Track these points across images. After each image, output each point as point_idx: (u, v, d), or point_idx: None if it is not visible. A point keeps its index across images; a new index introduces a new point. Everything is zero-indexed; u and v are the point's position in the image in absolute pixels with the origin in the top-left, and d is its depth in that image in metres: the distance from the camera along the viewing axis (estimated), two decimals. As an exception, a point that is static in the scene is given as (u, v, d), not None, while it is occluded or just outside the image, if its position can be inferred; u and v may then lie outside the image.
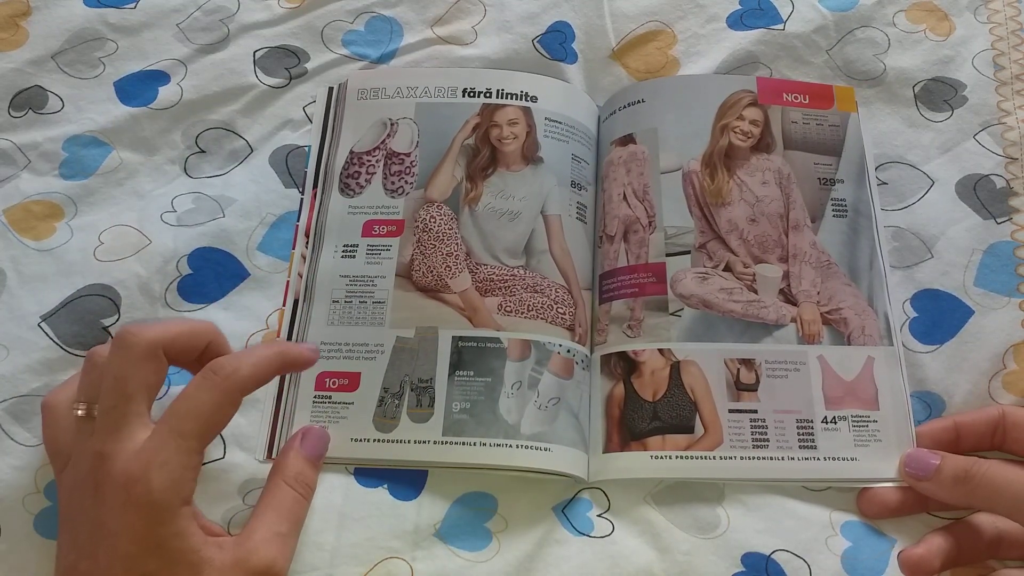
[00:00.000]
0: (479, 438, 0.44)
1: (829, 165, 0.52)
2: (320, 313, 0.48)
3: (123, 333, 0.36)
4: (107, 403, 0.36)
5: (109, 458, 0.35)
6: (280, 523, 0.38)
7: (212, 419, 0.36)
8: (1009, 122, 0.54)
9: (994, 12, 0.58)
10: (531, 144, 0.52)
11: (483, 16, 0.58)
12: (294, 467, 0.41)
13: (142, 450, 0.35)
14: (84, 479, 0.36)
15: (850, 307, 0.48)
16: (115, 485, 0.34)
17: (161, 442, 0.35)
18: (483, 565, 0.42)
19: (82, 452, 0.36)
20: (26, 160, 0.52)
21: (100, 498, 0.35)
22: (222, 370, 0.37)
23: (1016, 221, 0.51)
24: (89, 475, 0.35)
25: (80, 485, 0.36)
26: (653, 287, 0.48)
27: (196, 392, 0.36)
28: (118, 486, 0.34)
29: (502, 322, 0.47)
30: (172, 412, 0.36)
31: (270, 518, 0.38)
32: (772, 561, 0.42)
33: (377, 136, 0.53)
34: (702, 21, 0.58)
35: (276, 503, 0.39)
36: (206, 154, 0.53)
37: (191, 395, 0.36)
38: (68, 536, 0.37)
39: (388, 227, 0.50)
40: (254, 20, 0.57)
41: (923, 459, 0.43)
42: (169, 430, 0.35)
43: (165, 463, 0.34)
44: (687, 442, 0.44)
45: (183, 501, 0.35)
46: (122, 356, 0.36)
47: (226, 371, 0.37)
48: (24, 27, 0.56)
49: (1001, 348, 0.47)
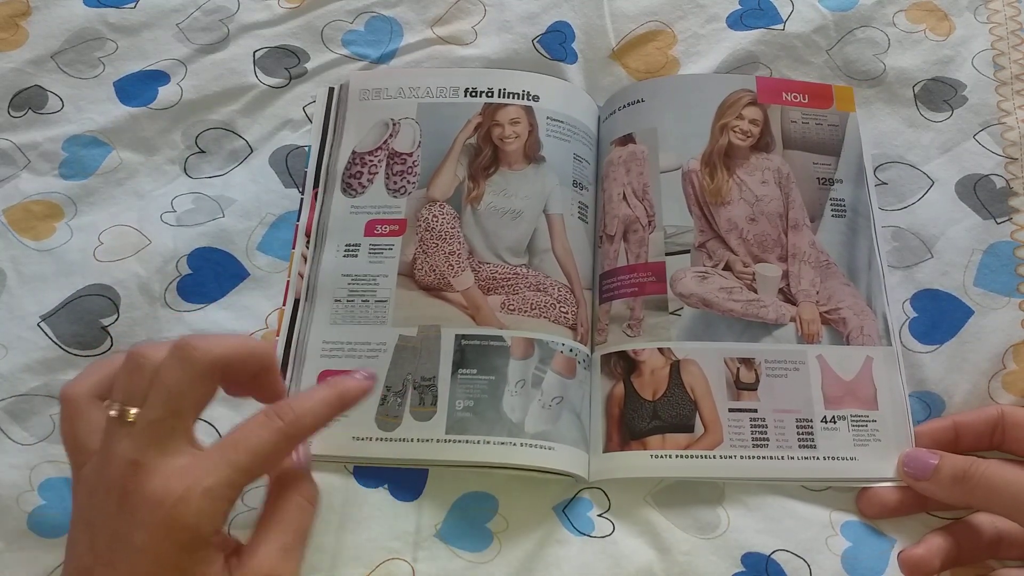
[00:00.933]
0: (482, 436, 0.44)
1: (828, 165, 0.52)
2: (322, 313, 0.48)
3: (187, 346, 0.35)
4: (154, 414, 0.34)
5: (146, 470, 0.34)
6: (285, 536, 0.37)
7: (267, 458, 0.36)
8: (1009, 122, 0.54)
9: (994, 12, 0.58)
10: (533, 143, 0.52)
11: (483, 16, 0.58)
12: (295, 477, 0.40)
13: (186, 471, 0.34)
14: (111, 484, 0.34)
15: (849, 307, 0.48)
16: (149, 500, 0.33)
17: (211, 467, 0.34)
18: (484, 565, 0.42)
19: (112, 455, 0.35)
20: (26, 160, 0.52)
21: (128, 509, 0.34)
22: (286, 415, 0.36)
23: (1016, 221, 0.51)
24: (117, 481, 0.34)
25: (104, 489, 0.35)
26: (653, 286, 0.48)
27: (257, 429, 0.36)
28: (153, 502, 0.33)
29: (505, 321, 0.47)
30: (229, 442, 0.35)
31: (274, 532, 0.37)
32: (772, 561, 0.42)
33: (379, 136, 0.53)
34: (702, 21, 0.58)
35: (279, 516, 0.38)
36: (206, 154, 0.53)
37: (251, 430, 0.36)
38: (85, 537, 0.36)
39: (390, 226, 0.50)
40: (254, 20, 0.57)
41: (922, 459, 0.43)
42: (222, 458, 0.34)
43: (210, 490, 0.33)
44: (687, 441, 0.44)
45: (215, 531, 0.34)
46: (182, 369, 0.35)
47: (289, 418, 0.36)
48: (24, 27, 0.56)
49: (1001, 348, 0.47)
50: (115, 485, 0.34)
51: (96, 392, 0.37)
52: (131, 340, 0.47)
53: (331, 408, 0.38)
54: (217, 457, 0.34)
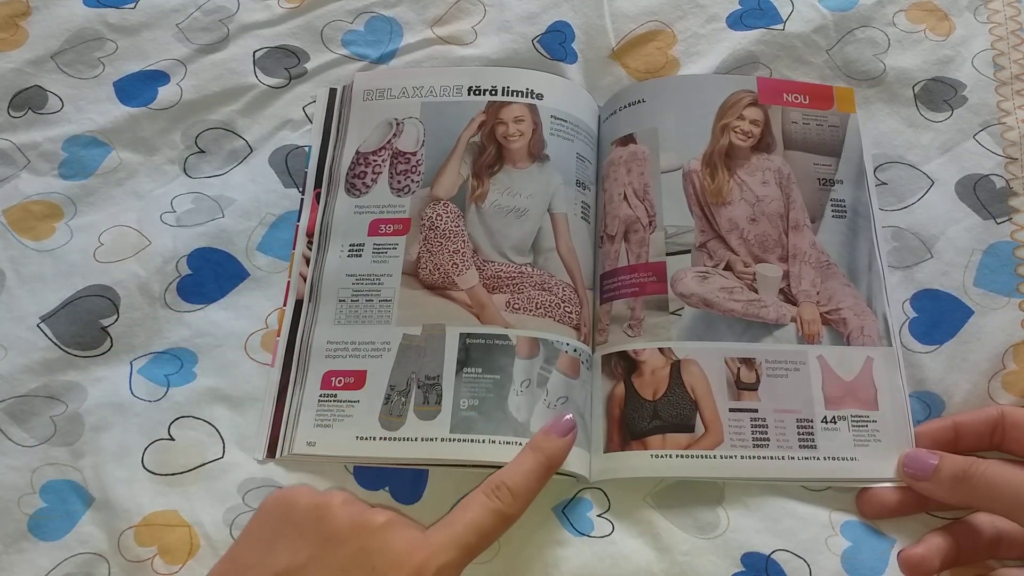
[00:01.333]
0: (487, 435, 0.44)
1: (828, 166, 0.52)
2: (327, 313, 0.48)
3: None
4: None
5: (388, 527, 0.37)
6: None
7: (488, 538, 0.38)
8: (1009, 122, 0.54)
9: (994, 12, 0.58)
10: (537, 142, 0.52)
11: (483, 16, 0.58)
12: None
13: (422, 543, 0.36)
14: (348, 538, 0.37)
15: (849, 307, 0.48)
16: (391, 558, 0.35)
17: (445, 545, 0.36)
18: (484, 565, 0.42)
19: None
20: (25, 160, 0.52)
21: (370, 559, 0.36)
22: (504, 497, 0.38)
23: (1016, 221, 0.51)
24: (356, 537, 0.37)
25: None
26: (653, 286, 0.48)
27: (480, 509, 0.38)
28: (393, 561, 0.35)
29: (510, 319, 0.47)
30: (458, 521, 0.37)
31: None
32: (772, 561, 0.42)
33: (383, 136, 0.53)
34: (702, 21, 0.58)
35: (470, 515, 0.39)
36: (206, 154, 0.53)
37: (475, 511, 0.38)
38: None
39: (394, 226, 0.50)
40: (254, 20, 0.57)
41: (922, 459, 0.43)
42: (452, 538, 0.37)
43: (443, 568, 0.35)
44: (687, 441, 0.44)
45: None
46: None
47: (507, 500, 0.38)
48: (24, 27, 0.56)
49: (1001, 348, 0.47)
50: (359, 525, 0.37)
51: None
52: (131, 341, 0.48)
53: (542, 480, 0.40)
54: (448, 536, 0.37)
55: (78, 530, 0.43)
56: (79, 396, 0.46)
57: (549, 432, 0.42)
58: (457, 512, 0.38)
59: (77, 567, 0.42)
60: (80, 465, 0.44)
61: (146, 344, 0.48)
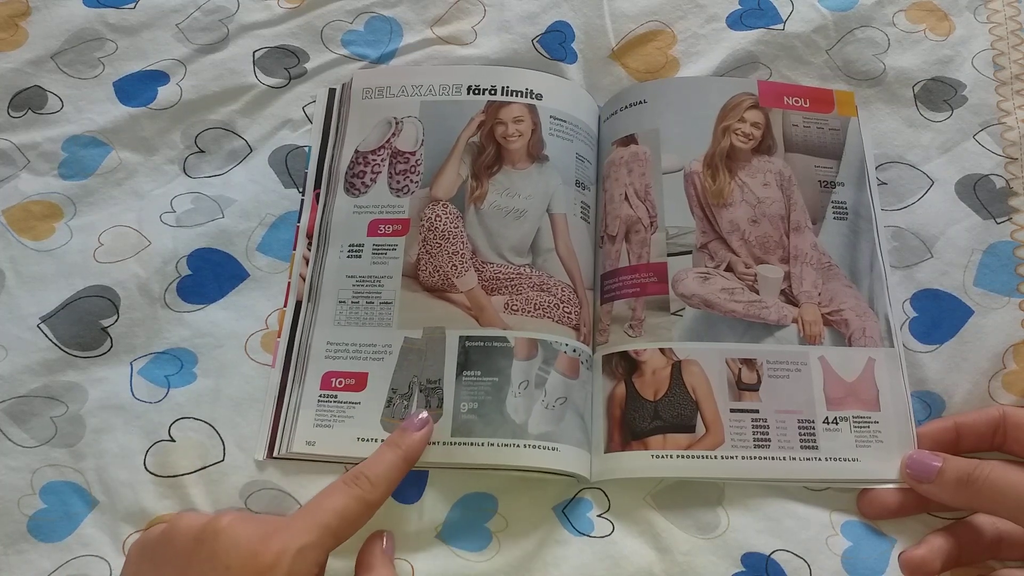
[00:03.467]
0: (487, 438, 0.44)
1: (829, 168, 0.52)
2: (326, 314, 0.48)
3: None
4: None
5: (237, 521, 0.37)
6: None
7: (351, 523, 0.39)
8: (1009, 122, 0.54)
9: (994, 12, 0.58)
10: (536, 142, 0.52)
11: (483, 16, 0.58)
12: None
13: (277, 532, 0.37)
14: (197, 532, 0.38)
15: (851, 308, 0.48)
16: (240, 551, 0.36)
17: (303, 529, 0.37)
18: (483, 565, 0.42)
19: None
20: (25, 160, 0.52)
21: (216, 553, 0.36)
22: (363, 484, 0.39)
23: (1016, 221, 0.51)
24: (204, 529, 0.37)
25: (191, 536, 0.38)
26: (655, 287, 0.48)
27: (339, 495, 0.39)
28: (244, 555, 0.36)
29: (508, 321, 0.47)
30: (319, 507, 0.38)
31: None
32: (772, 561, 0.42)
33: (382, 135, 0.53)
34: (702, 21, 0.58)
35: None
36: (205, 154, 0.53)
37: (334, 496, 0.39)
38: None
39: (394, 226, 0.50)
40: (253, 20, 0.57)
41: (925, 462, 0.43)
42: (312, 521, 0.37)
43: (303, 549, 0.36)
44: (688, 441, 0.44)
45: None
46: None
47: (367, 486, 0.39)
48: (24, 27, 0.56)
49: (1001, 348, 0.48)
50: (203, 532, 0.37)
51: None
52: (131, 341, 0.47)
53: (400, 471, 0.41)
54: (309, 520, 0.37)
55: (80, 532, 0.43)
56: (79, 397, 0.46)
57: (405, 429, 0.43)
58: (318, 498, 0.39)
59: (78, 569, 0.42)
60: (82, 467, 0.44)
61: (146, 345, 0.48)
